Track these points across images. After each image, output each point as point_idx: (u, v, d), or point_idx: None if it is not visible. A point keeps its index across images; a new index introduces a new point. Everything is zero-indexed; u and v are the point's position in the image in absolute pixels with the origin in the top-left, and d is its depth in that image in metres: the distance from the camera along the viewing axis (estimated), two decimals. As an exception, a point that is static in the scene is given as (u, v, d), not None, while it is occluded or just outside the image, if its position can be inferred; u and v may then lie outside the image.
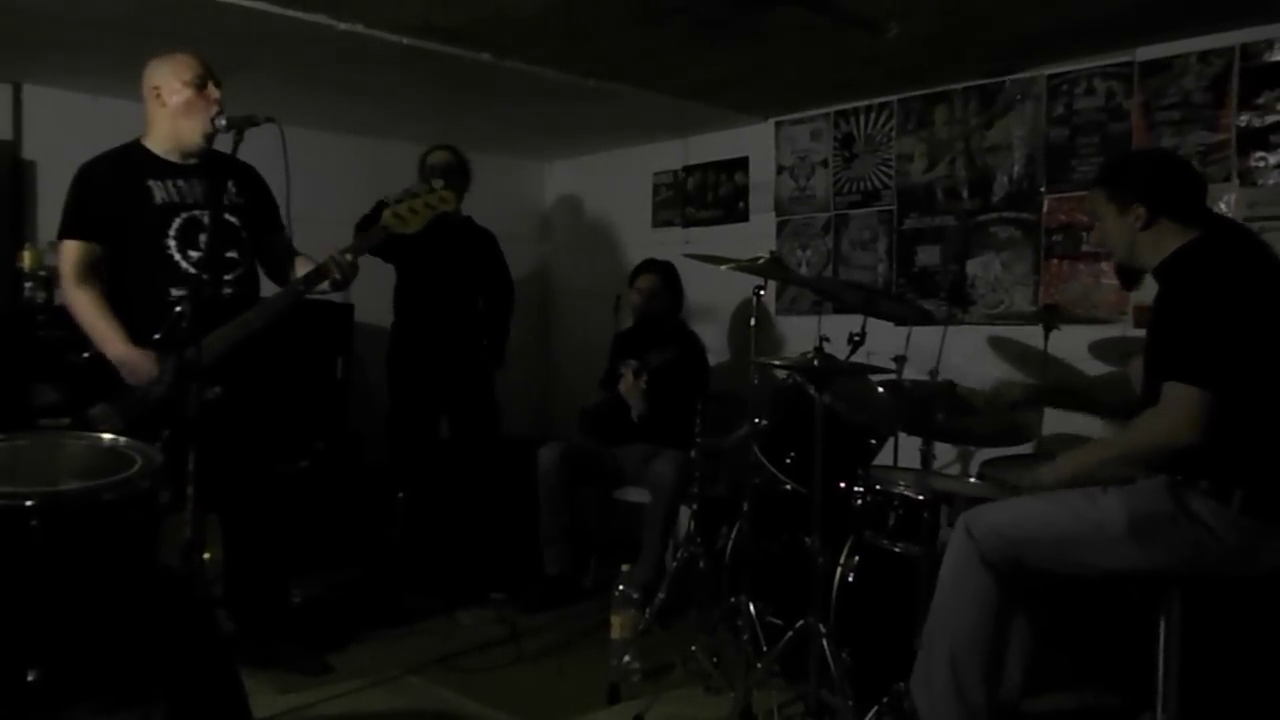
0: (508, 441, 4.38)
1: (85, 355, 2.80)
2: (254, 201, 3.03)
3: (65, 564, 1.78)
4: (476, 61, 3.69)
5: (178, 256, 2.86)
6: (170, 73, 2.85)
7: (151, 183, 2.87)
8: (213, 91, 2.86)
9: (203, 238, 2.87)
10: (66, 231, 2.86)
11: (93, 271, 2.83)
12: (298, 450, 4.17)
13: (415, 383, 4.17)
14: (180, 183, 2.90)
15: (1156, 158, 2.52)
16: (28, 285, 3.96)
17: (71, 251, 2.83)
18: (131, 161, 2.89)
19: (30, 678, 1.72)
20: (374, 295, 4.61)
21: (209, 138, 2.84)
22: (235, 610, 3.13)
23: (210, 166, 2.90)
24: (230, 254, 2.95)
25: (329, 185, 4.15)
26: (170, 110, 2.85)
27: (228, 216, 2.94)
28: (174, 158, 2.90)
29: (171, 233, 2.86)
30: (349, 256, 2.92)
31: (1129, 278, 2.47)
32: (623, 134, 5.11)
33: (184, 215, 2.88)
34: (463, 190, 4.18)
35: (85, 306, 2.80)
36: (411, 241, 4.10)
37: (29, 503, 1.75)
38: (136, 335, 2.76)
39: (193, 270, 2.84)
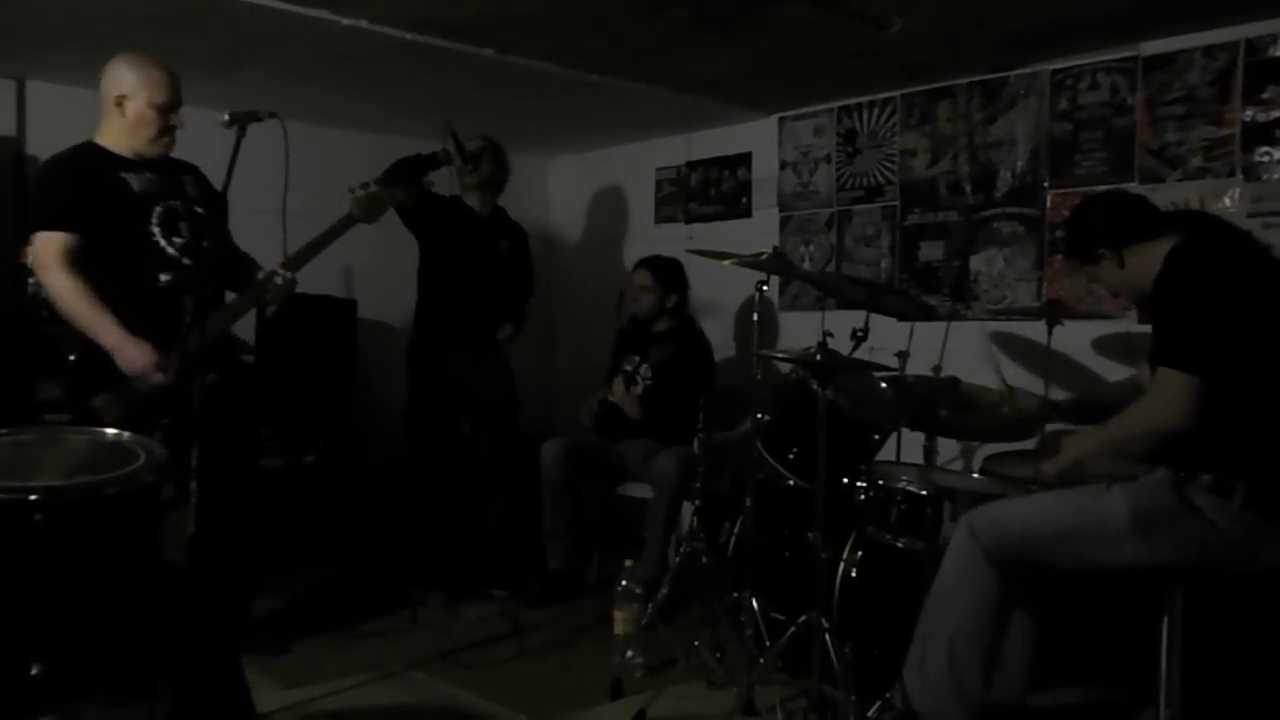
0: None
1: (71, 358, 2.77)
2: (209, 198, 3.01)
3: (69, 558, 1.79)
4: (479, 57, 3.68)
5: (163, 243, 2.87)
6: (140, 86, 2.85)
7: (124, 174, 2.87)
8: (175, 119, 2.87)
9: (183, 225, 2.89)
10: (47, 222, 2.78)
11: (75, 262, 2.76)
12: (302, 445, 4.17)
13: (437, 377, 4.11)
14: (149, 175, 2.91)
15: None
16: (31, 281, 3.95)
17: (56, 241, 2.75)
18: (98, 156, 2.88)
19: (34, 672, 1.72)
20: (378, 292, 4.63)
21: (161, 154, 2.90)
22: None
23: (167, 164, 2.95)
24: (206, 243, 2.94)
25: (330, 181, 4.11)
26: (129, 123, 2.87)
27: (197, 208, 2.96)
28: (131, 156, 2.91)
29: (154, 220, 2.87)
30: (289, 273, 2.92)
31: (1148, 306, 2.48)
32: (626, 129, 5.10)
33: (162, 204, 2.90)
34: (502, 183, 4.21)
35: (76, 295, 2.72)
36: (439, 229, 4.09)
37: (33, 497, 1.76)
38: (130, 324, 2.74)
39: (178, 256, 2.86)
